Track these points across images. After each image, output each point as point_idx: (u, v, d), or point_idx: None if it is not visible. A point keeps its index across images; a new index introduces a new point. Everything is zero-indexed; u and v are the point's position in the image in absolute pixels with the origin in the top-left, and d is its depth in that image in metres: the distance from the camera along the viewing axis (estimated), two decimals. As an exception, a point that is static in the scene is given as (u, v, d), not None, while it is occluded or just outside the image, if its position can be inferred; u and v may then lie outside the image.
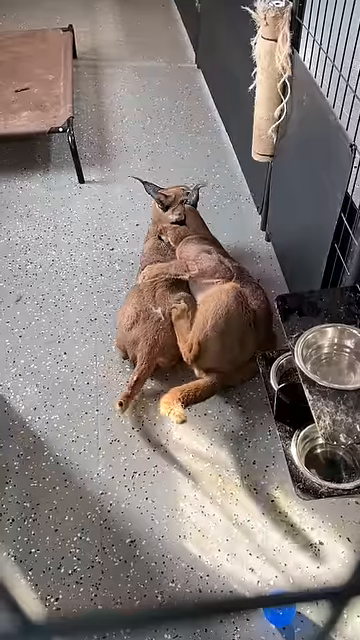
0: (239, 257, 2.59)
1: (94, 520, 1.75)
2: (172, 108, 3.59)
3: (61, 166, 3.17)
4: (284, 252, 2.51)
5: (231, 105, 3.12)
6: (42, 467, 1.88)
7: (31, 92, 3.24)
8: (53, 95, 3.20)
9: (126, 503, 1.79)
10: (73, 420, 2.01)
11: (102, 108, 3.61)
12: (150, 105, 3.62)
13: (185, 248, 2.18)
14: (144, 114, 3.54)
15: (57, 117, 3.00)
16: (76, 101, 3.53)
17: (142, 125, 3.45)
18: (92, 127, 3.45)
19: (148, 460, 1.89)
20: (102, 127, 3.45)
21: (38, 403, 2.06)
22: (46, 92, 3.23)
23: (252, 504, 1.78)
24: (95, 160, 3.19)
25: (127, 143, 3.31)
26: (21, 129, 2.94)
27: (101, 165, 3.15)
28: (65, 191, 2.99)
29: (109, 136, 3.37)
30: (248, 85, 2.20)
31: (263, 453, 1.90)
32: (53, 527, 1.74)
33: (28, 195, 2.98)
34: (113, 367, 2.16)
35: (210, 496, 1.80)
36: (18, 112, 3.06)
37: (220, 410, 2.02)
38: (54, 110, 3.07)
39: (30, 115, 3.03)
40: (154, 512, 1.77)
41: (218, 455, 1.90)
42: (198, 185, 2.36)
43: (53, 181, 3.07)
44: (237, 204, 2.89)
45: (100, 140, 3.35)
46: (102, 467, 1.88)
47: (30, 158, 3.23)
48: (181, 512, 1.76)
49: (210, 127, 3.43)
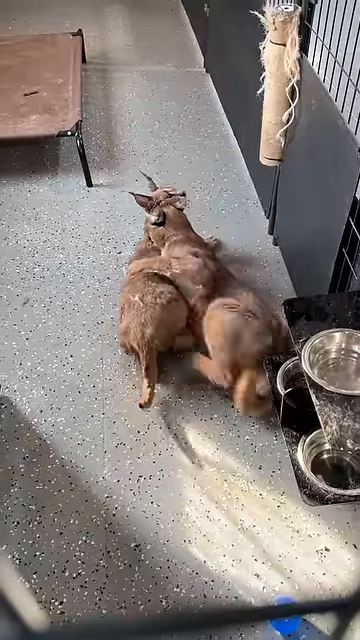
0: (246, 261, 2.59)
1: (99, 524, 1.75)
2: (180, 112, 3.60)
3: (69, 169, 3.18)
4: (291, 256, 2.50)
5: (239, 109, 3.12)
6: (47, 470, 1.88)
7: (40, 96, 3.25)
8: (62, 99, 3.21)
9: (131, 507, 1.78)
10: (79, 423, 2.01)
11: (110, 112, 3.62)
12: (158, 109, 3.63)
13: (175, 247, 2.21)
14: (152, 118, 3.55)
15: (66, 121, 3.01)
16: (85, 105, 3.54)
17: (150, 129, 3.46)
18: (100, 131, 3.46)
19: (154, 464, 1.89)
20: (110, 131, 3.46)
21: (44, 406, 2.06)
22: (55, 96, 3.24)
23: (258, 509, 1.77)
24: (103, 164, 3.20)
25: (135, 147, 3.32)
26: (30, 132, 2.96)
27: (109, 169, 3.15)
28: (73, 194, 3.00)
29: (117, 140, 3.38)
30: (256, 89, 2.19)
31: (269, 458, 1.89)
32: (58, 530, 1.73)
33: (36, 198, 2.99)
34: (119, 370, 2.16)
35: (216, 501, 1.79)
36: (27, 115, 3.07)
37: (226, 415, 2.01)
38: (63, 114, 3.08)
39: (39, 119, 3.05)
40: (159, 516, 1.76)
41: (224, 460, 1.89)
42: (183, 192, 2.38)
43: (61, 184, 3.08)
44: (245, 208, 2.89)
45: (108, 144, 3.35)
46: (107, 470, 1.87)
47: (38, 161, 3.24)
48: (186, 517, 1.76)
49: (218, 131, 3.43)
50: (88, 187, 3.04)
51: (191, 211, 2.79)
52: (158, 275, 2.14)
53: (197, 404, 2.05)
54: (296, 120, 2.09)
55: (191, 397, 2.07)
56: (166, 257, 2.20)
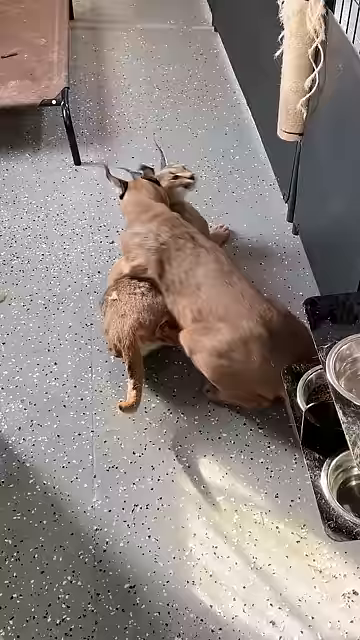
0: (261, 253, 2.59)
1: (87, 561, 1.75)
2: (184, 78, 3.60)
3: (54, 145, 3.19)
4: (314, 247, 2.50)
5: (254, 75, 3.13)
6: (27, 497, 1.88)
7: (20, 58, 3.26)
8: (45, 62, 3.22)
9: (125, 541, 1.78)
10: (64, 442, 2.01)
11: (102, 77, 3.63)
12: (159, 74, 3.63)
13: (123, 236, 2.22)
14: (151, 85, 3.56)
15: (50, 88, 3.02)
16: (72, 69, 3.55)
17: (149, 97, 3.46)
18: (90, 100, 3.47)
19: (151, 491, 1.89)
20: (102, 100, 3.47)
21: (23, 422, 2.07)
22: (37, 58, 3.25)
23: (274, 545, 1.77)
24: (94, 138, 3.21)
25: (131, 118, 3.32)
26: (7, 101, 2.97)
27: (100, 144, 3.16)
28: (58, 174, 3.01)
29: (110, 110, 3.39)
30: (274, 51, 2.20)
31: (287, 485, 1.89)
32: (39, 568, 1.74)
33: (15, 178, 3.00)
34: (112, 381, 2.16)
35: (224, 535, 1.79)
36: (4, 81, 3.08)
37: (237, 433, 2.01)
38: (46, 79, 3.09)
39: (18, 85, 3.06)
40: (158, 553, 1.76)
41: (234, 486, 1.89)
42: (192, 175, 2.40)
43: (44, 162, 3.09)
44: (259, 190, 2.89)
45: (100, 115, 3.36)
46: (97, 498, 1.87)
47: (18, 135, 3.25)
48: (190, 553, 1.76)
49: (229, 100, 3.43)
50: (76, 165, 3.05)
51: (196, 194, 2.80)
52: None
53: (202, 421, 2.05)
54: (320, 87, 2.09)
55: (195, 412, 2.07)
56: (121, 260, 2.22)
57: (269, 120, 2.50)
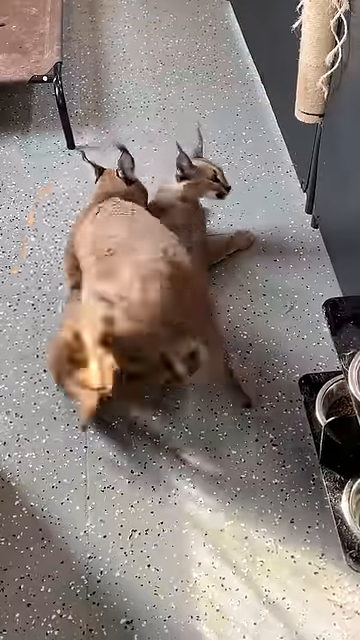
0: (276, 248, 2.59)
1: (79, 592, 1.75)
2: (191, 52, 3.61)
3: (45, 126, 3.19)
4: (336, 242, 2.50)
5: (269, 48, 3.13)
6: (12, 521, 1.88)
7: (7, 29, 3.28)
8: (36, 34, 3.23)
9: (121, 571, 1.78)
10: (54, 459, 2.01)
11: (100, 51, 3.64)
12: (162, 48, 3.64)
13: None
14: (154, 59, 3.56)
15: (40, 62, 3.03)
16: (66, 42, 3.56)
17: (151, 74, 3.47)
18: (86, 76, 3.48)
19: (151, 515, 1.89)
20: (99, 76, 3.48)
21: (9, 436, 2.07)
22: (27, 29, 3.27)
23: (289, 577, 1.76)
24: (89, 119, 3.22)
25: (131, 97, 3.33)
26: (-7, 77, 2.98)
27: (97, 125, 3.17)
28: (49, 158, 3.02)
29: (108, 88, 3.40)
30: (292, 23, 2.20)
31: (304, 509, 1.89)
32: (25, 600, 1.74)
33: (1, 163, 3.01)
34: (108, 391, 2.16)
35: (233, 564, 1.79)
36: (-10, 55, 3.09)
37: (248, 450, 2.01)
38: (37, 53, 3.10)
39: (5, 59, 3.07)
40: (158, 584, 1.76)
41: (244, 510, 1.89)
42: (229, 186, 2.45)
43: (34, 145, 3.10)
44: (275, 178, 2.89)
45: (96, 93, 3.37)
46: (91, 522, 1.88)
47: (5, 115, 3.26)
48: (194, 585, 1.76)
49: (241, 77, 3.44)
50: (69, 149, 3.06)
51: (204, 182, 2.80)
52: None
53: (209, 436, 2.05)
54: (343, 63, 2.09)
55: (201, 427, 2.07)
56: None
57: (286, 99, 2.50)
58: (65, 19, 3.59)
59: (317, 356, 2.23)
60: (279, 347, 2.27)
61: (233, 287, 2.46)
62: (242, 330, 2.32)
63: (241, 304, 2.41)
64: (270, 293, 2.44)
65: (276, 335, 2.31)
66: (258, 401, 2.12)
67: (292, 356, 2.24)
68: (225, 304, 2.41)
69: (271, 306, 2.40)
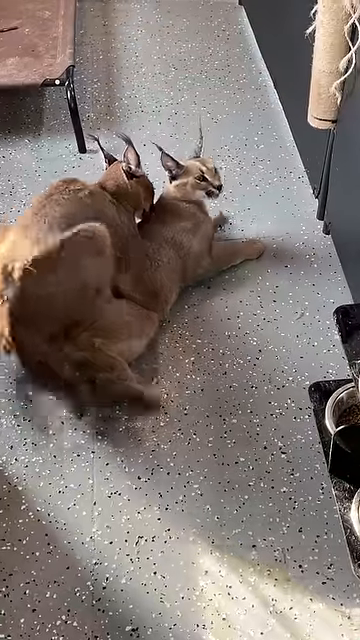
0: (287, 254, 2.59)
1: (84, 599, 1.75)
2: (204, 56, 3.62)
3: (56, 130, 3.21)
4: (348, 249, 2.50)
5: (282, 54, 3.13)
6: (18, 525, 1.88)
7: (20, 33, 3.29)
8: (49, 37, 3.25)
9: (127, 578, 1.78)
10: (61, 464, 2.01)
11: (112, 55, 3.65)
12: (175, 52, 3.65)
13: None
14: (167, 64, 3.57)
15: (53, 66, 3.05)
16: (79, 45, 3.58)
17: (164, 78, 3.48)
18: (98, 80, 3.49)
19: (158, 521, 1.88)
20: (112, 80, 3.49)
21: (16, 440, 2.07)
22: (40, 33, 3.28)
23: (296, 586, 1.76)
24: (101, 123, 3.23)
25: (143, 101, 3.34)
26: (4, 80, 2.99)
27: (108, 129, 3.18)
28: (61, 162, 3.03)
29: (120, 92, 3.41)
30: (306, 28, 2.20)
31: (313, 518, 1.88)
32: (30, 606, 1.74)
33: (12, 166, 3.02)
34: (116, 395, 2.17)
35: (240, 573, 1.78)
36: (2, 58, 3.11)
37: (257, 458, 2.01)
38: (49, 57, 3.12)
39: (18, 62, 3.08)
40: (164, 591, 1.75)
41: (253, 519, 1.88)
42: (219, 184, 2.44)
43: (46, 149, 3.11)
44: (287, 184, 2.89)
45: (108, 97, 3.38)
46: (97, 528, 1.87)
47: (17, 119, 3.28)
48: (200, 593, 1.75)
49: (254, 82, 3.44)
50: (80, 153, 3.07)
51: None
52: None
53: (217, 443, 2.05)
54: (357, 69, 2.09)
55: (209, 433, 2.07)
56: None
57: (299, 105, 2.50)
58: (78, 23, 3.60)
59: (327, 363, 2.22)
60: (289, 354, 2.26)
61: (243, 293, 2.46)
62: (252, 336, 2.32)
63: (251, 310, 2.40)
64: (280, 299, 2.43)
65: (286, 342, 2.30)
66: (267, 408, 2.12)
67: (302, 363, 2.23)
68: (235, 310, 2.41)
69: (281, 312, 2.39)
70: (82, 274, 2.06)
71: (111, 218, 2.21)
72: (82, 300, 2.09)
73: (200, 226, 2.43)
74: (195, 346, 2.31)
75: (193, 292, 2.47)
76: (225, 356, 2.27)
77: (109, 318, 2.17)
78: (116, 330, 2.16)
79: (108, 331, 2.14)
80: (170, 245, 2.39)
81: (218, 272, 2.51)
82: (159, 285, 2.33)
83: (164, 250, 2.38)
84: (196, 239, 2.41)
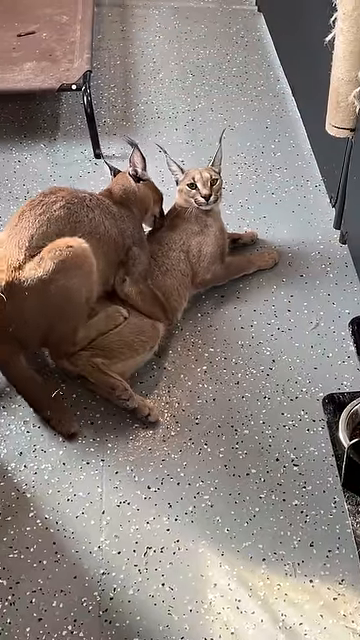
0: (303, 263, 2.58)
1: (91, 609, 1.74)
2: (222, 63, 3.63)
3: (72, 135, 3.22)
4: (364, 259, 2.49)
5: (301, 61, 3.13)
6: (26, 533, 1.88)
7: (38, 37, 3.32)
8: (66, 42, 3.27)
9: (135, 589, 1.77)
10: (70, 472, 2.01)
11: (130, 61, 3.67)
12: (193, 58, 3.66)
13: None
14: (184, 70, 3.58)
15: (70, 71, 3.06)
16: (96, 51, 3.60)
17: (181, 84, 3.49)
18: (115, 85, 3.50)
19: (167, 532, 1.88)
20: (128, 85, 3.50)
21: (25, 446, 2.08)
22: (57, 38, 3.30)
23: (306, 601, 1.74)
24: (117, 128, 3.24)
25: (160, 107, 3.35)
26: (21, 85, 3.01)
27: (124, 135, 3.17)
28: (76, 167, 3.04)
29: (137, 98, 3.42)
30: (325, 35, 2.20)
31: (324, 532, 1.86)
32: (36, 615, 1.73)
33: (27, 171, 3.04)
34: (127, 403, 2.16)
35: (249, 587, 1.77)
36: (19, 62, 3.13)
37: (268, 470, 2.00)
38: (67, 61, 3.13)
39: (35, 67, 3.10)
40: (172, 603, 1.74)
41: (263, 532, 1.87)
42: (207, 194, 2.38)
43: (61, 154, 3.12)
44: (303, 192, 2.88)
45: (125, 102, 3.39)
46: (105, 537, 1.87)
47: (33, 123, 3.29)
48: (209, 606, 1.74)
49: (272, 89, 3.44)
50: (96, 158, 3.08)
51: (231, 194, 2.80)
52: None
53: (228, 453, 2.04)
54: (377, 77, 2.09)
55: (221, 444, 2.06)
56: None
57: (317, 113, 2.50)
58: (96, 28, 3.63)
59: (342, 375, 2.21)
60: (303, 364, 2.25)
61: (257, 302, 2.45)
62: (265, 346, 2.31)
63: (265, 319, 2.39)
64: (295, 309, 2.43)
65: (300, 352, 2.29)
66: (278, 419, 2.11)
67: (316, 374, 2.22)
68: (249, 319, 2.40)
69: (296, 322, 2.38)
70: (59, 295, 2.04)
71: (95, 225, 2.16)
72: (65, 317, 2.09)
73: (209, 229, 2.42)
74: (207, 355, 2.30)
75: (206, 300, 2.47)
76: (238, 365, 2.26)
77: (111, 337, 2.17)
78: (118, 349, 2.16)
79: (109, 350, 2.14)
80: (179, 248, 2.39)
81: (230, 280, 2.50)
82: (168, 289, 2.33)
83: (173, 253, 2.38)
84: (205, 242, 2.40)
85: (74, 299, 2.08)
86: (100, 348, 2.13)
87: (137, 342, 2.18)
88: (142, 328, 2.21)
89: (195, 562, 1.82)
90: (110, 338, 2.16)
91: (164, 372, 2.26)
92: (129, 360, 2.17)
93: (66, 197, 2.13)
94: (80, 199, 2.16)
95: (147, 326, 2.23)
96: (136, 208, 2.34)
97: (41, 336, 2.12)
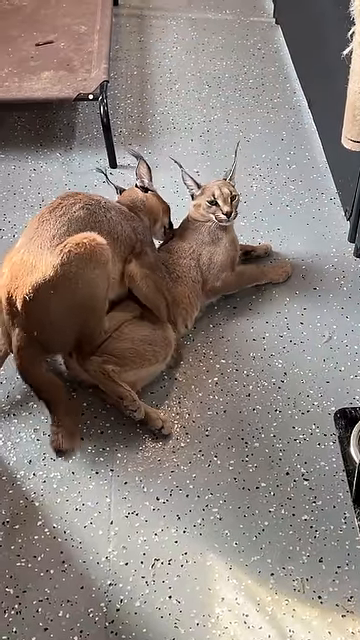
0: (316, 276, 2.57)
1: (97, 620, 1.74)
2: (239, 75, 3.64)
3: (88, 144, 3.24)
4: (379, 273, 2.48)
5: (318, 74, 3.14)
6: (33, 542, 1.88)
7: (56, 46, 3.34)
8: (84, 52, 3.29)
9: (142, 601, 1.77)
10: (79, 481, 2.01)
11: (147, 71, 3.69)
12: (210, 70, 3.68)
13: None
14: (201, 81, 3.60)
15: (87, 80, 3.08)
16: (113, 61, 3.62)
17: (197, 95, 3.50)
18: (132, 95, 3.52)
19: (175, 544, 1.87)
20: (145, 96, 3.52)
21: (35, 454, 2.08)
22: (75, 47, 3.33)
23: (315, 618, 1.73)
24: (133, 138, 3.25)
25: (176, 118, 3.36)
26: (39, 94, 3.03)
27: (140, 145, 3.20)
28: (91, 177, 3.05)
29: (153, 108, 3.44)
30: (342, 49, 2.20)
31: (334, 548, 1.85)
32: (42, 624, 1.73)
33: (43, 179, 3.06)
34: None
35: (257, 601, 1.76)
36: (37, 72, 3.16)
37: (278, 484, 1.99)
38: (84, 71, 3.16)
39: (52, 76, 3.13)
40: (179, 616, 1.74)
41: (272, 546, 1.86)
42: (227, 212, 2.38)
43: (76, 163, 3.14)
44: (318, 205, 2.88)
45: (141, 113, 3.41)
46: (113, 548, 1.87)
47: (49, 132, 3.32)
48: (216, 620, 1.73)
49: (288, 102, 3.45)
50: (111, 168, 3.09)
51: (245, 206, 2.80)
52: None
53: (238, 466, 2.03)
54: (394, 91, 2.08)
55: (231, 456, 2.06)
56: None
57: (333, 126, 2.49)
58: (114, 38, 3.65)
59: (354, 389, 2.20)
60: (315, 378, 2.25)
61: (270, 314, 2.45)
62: (277, 358, 2.31)
63: (277, 332, 2.39)
64: (308, 322, 2.42)
65: (312, 365, 2.28)
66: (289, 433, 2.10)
67: (328, 388, 2.21)
68: (261, 331, 2.40)
69: (308, 335, 2.38)
70: (84, 289, 2.04)
71: (114, 225, 2.19)
72: (90, 313, 2.10)
73: (220, 241, 2.41)
74: (219, 366, 2.30)
75: (218, 311, 2.47)
76: (249, 378, 2.26)
77: (124, 344, 2.17)
78: (130, 357, 2.15)
79: (121, 357, 2.14)
80: (189, 256, 2.40)
81: (242, 291, 2.49)
82: (179, 295, 2.34)
83: (184, 261, 2.39)
84: (216, 252, 2.41)
85: (98, 292, 2.08)
86: (112, 354, 2.13)
87: (149, 351, 2.18)
88: (154, 338, 2.21)
89: (203, 575, 1.81)
90: (123, 345, 2.16)
91: (175, 383, 2.26)
92: (140, 369, 2.16)
93: (83, 199, 2.16)
94: (96, 201, 2.20)
95: (159, 336, 2.23)
96: (145, 217, 2.37)
97: (67, 336, 2.11)
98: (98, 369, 2.09)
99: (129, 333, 2.20)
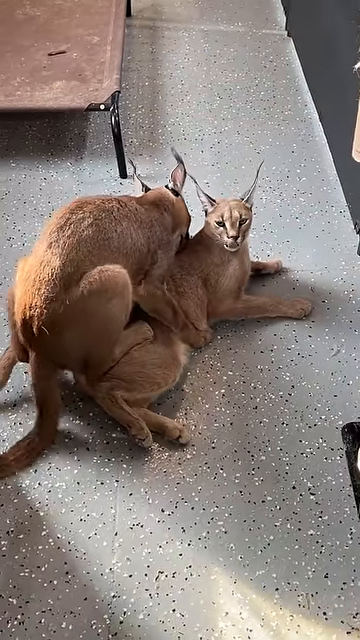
0: (325, 289, 2.57)
1: (100, 632, 1.73)
2: (250, 87, 3.65)
3: (99, 154, 3.25)
4: (388, 287, 2.47)
5: (329, 87, 3.15)
6: (37, 552, 1.88)
7: (68, 56, 3.37)
8: (96, 62, 3.31)
9: (145, 613, 1.76)
10: (84, 491, 2.01)
11: (158, 82, 3.70)
12: (221, 81, 3.69)
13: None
14: (212, 92, 3.61)
15: (99, 90, 3.10)
16: (125, 71, 3.64)
17: (208, 107, 3.52)
18: (143, 106, 3.54)
19: (180, 557, 1.86)
20: (156, 107, 3.53)
21: (40, 464, 2.08)
22: (87, 58, 3.35)
23: (320, 634, 1.71)
24: (143, 149, 3.26)
25: (187, 129, 3.38)
26: (50, 104, 3.05)
27: (151, 156, 3.21)
28: (101, 186, 3.06)
29: (164, 119, 3.45)
30: (353, 62, 2.21)
31: (340, 564, 1.84)
32: (45, 635, 1.72)
33: (53, 189, 3.07)
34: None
35: (262, 617, 1.75)
36: (49, 81, 3.18)
37: (284, 498, 1.98)
38: (96, 81, 3.17)
39: (64, 86, 3.15)
40: (182, 630, 1.73)
41: (277, 561, 1.85)
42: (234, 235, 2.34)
43: (87, 173, 3.15)
44: (327, 218, 2.88)
45: (152, 123, 3.43)
46: (117, 560, 1.86)
47: (60, 142, 3.33)
48: (220, 634, 1.72)
49: (299, 114, 3.46)
50: (121, 178, 3.10)
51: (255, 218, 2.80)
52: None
53: (244, 479, 2.03)
54: None
55: (237, 469, 2.05)
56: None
57: (343, 139, 2.50)
58: (126, 49, 3.67)
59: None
60: (322, 391, 2.24)
61: (278, 326, 2.45)
62: (285, 371, 2.30)
63: (285, 344, 2.39)
64: (316, 335, 2.42)
65: (320, 379, 2.28)
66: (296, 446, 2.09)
67: (336, 402, 2.21)
68: (269, 343, 2.39)
69: (316, 348, 2.37)
70: (99, 320, 2.04)
71: (124, 239, 2.13)
72: (103, 342, 2.10)
73: (229, 263, 2.38)
74: (226, 378, 2.30)
75: (226, 323, 2.47)
76: (256, 390, 2.25)
77: (133, 368, 2.16)
78: (139, 381, 2.15)
79: (130, 382, 2.13)
80: (197, 274, 2.38)
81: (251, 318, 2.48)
82: (183, 308, 2.33)
83: (191, 278, 2.38)
84: (223, 274, 2.38)
85: (114, 326, 2.08)
86: (121, 378, 2.13)
87: (159, 375, 2.17)
88: (164, 361, 2.21)
89: (207, 589, 1.80)
90: (132, 369, 2.16)
91: (182, 394, 2.25)
92: (149, 393, 2.17)
93: (93, 212, 2.08)
94: (108, 211, 2.12)
95: (169, 358, 2.22)
96: (169, 216, 2.31)
97: (81, 363, 2.12)
98: (107, 396, 2.09)
99: (139, 357, 2.19)
